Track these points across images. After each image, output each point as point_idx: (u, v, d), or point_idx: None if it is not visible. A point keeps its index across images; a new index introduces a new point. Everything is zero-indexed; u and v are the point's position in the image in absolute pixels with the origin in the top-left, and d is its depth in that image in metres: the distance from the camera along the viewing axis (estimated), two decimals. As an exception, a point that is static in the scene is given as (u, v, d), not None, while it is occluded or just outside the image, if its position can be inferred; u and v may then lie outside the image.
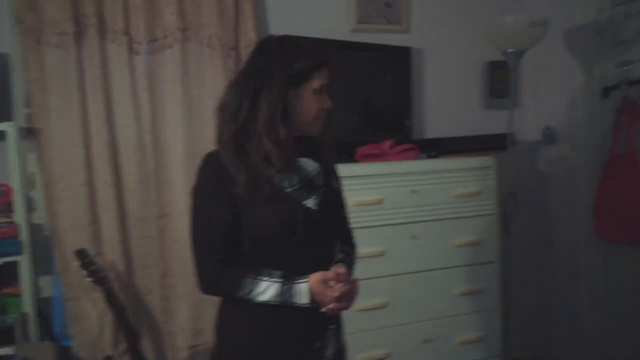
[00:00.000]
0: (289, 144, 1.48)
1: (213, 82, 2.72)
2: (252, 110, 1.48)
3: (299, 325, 1.52)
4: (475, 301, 2.74)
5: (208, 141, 2.72)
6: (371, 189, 2.57)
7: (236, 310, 1.54)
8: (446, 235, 2.70)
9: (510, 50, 2.62)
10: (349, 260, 1.67)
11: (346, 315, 1.60)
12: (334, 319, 1.60)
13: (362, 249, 1.83)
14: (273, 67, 1.47)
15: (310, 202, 1.52)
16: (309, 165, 1.56)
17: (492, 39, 2.67)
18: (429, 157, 2.87)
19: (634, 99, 2.83)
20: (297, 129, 1.51)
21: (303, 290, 1.46)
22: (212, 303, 2.71)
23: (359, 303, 1.59)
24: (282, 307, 1.47)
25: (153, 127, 2.66)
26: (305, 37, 1.56)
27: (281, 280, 1.47)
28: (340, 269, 1.48)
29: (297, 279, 1.47)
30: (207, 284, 1.51)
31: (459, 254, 2.72)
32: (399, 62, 3.12)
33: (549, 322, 3.44)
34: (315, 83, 1.50)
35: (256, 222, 1.47)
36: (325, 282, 1.46)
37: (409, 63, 3.13)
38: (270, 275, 1.47)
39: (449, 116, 3.31)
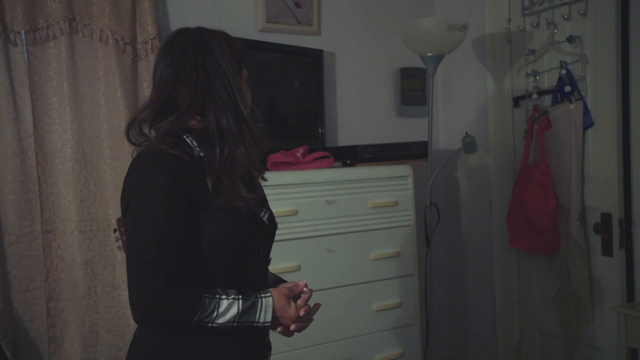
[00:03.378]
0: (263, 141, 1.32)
1: (106, 80, 2.44)
2: (207, 107, 1.28)
3: (245, 352, 1.32)
4: (394, 316, 2.61)
5: (101, 146, 2.43)
6: (286, 199, 2.38)
7: (169, 341, 1.27)
8: (363, 248, 2.57)
9: (429, 54, 2.53)
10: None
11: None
12: (269, 345, 1.41)
13: (277, 264, 1.66)
14: (218, 55, 1.29)
15: (265, 215, 1.35)
16: None
17: (410, 43, 2.58)
18: (344, 165, 2.73)
19: (544, 108, 2.83)
20: None
21: (269, 306, 1.25)
22: (107, 329, 2.43)
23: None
24: (232, 331, 1.25)
25: (36, 130, 2.33)
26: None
27: (240, 296, 1.24)
28: (302, 283, 1.34)
29: (260, 293, 1.27)
30: (155, 314, 1.18)
31: (377, 267, 2.59)
32: (310, 65, 2.97)
33: (466, 334, 3.40)
34: (245, 72, 1.36)
35: (219, 238, 1.25)
36: (289, 297, 1.29)
37: (321, 66, 2.98)
38: (227, 294, 1.25)
39: (361, 123, 3.21)
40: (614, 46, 2.50)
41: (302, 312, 1.29)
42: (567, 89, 2.69)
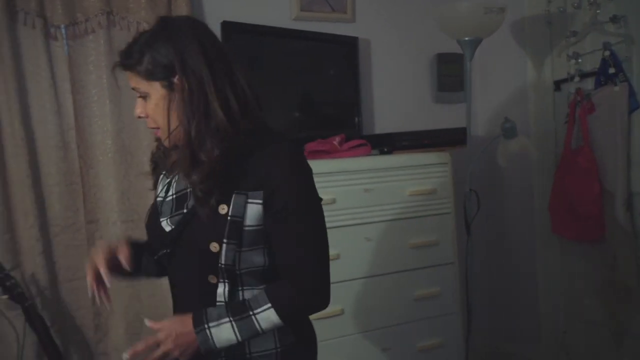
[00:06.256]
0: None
1: (145, 72, 2.45)
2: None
3: None
4: (434, 305, 2.58)
5: (140, 138, 2.46)
6: (323, 187, 2.37)
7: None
8: (401, 236, 2.54)
9: (466, 38, 2.47)
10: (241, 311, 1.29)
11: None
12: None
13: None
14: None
15: (165, 221, 1.33)
16: None
17: (447, 28, 2.53)
18: (382, 153, 2.70)
19: (586, 92, 2.75)
20: None
21: None
22: (151, 317, 2.45)
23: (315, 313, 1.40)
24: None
25: (77, 122, 2.38)
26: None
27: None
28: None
29: None
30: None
31: (416, 255, 2.56)
32: (345, 52, 2.94)
33: (508, 323, 3.35)
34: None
35: None
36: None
37: (356, 54, 2.95)
38: None
39: (398, 111, 3.17)
40: (660, 25, 2.41)
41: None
42: (612, 70, 2.61)
